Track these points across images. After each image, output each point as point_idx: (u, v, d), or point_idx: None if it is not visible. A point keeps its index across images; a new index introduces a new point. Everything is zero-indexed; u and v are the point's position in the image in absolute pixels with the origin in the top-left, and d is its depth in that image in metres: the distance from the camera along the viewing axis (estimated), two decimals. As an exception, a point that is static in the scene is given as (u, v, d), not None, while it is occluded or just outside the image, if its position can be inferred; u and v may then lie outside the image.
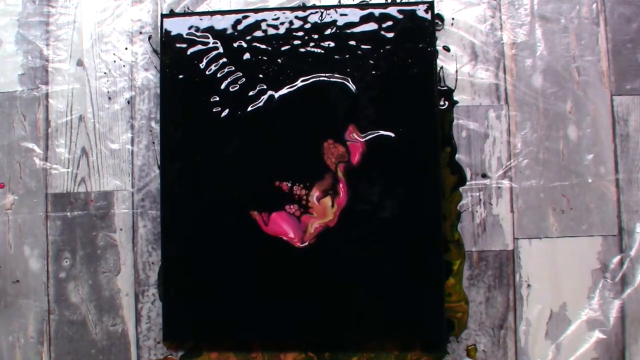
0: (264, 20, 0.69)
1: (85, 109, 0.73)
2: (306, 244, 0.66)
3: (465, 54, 0.69)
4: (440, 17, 0.70)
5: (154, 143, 0.71)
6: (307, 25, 0.69)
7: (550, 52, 0.69)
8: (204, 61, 0.69)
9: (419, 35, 0.67)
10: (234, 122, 0.68)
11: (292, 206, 0.67)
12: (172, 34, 0.70)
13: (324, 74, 0.68)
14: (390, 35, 0.68)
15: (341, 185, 0.67)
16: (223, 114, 0.68)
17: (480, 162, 0.68)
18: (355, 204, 0.66)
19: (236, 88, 0.69)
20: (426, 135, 0.66)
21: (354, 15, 0.68)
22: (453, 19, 0.70)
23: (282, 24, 0.69)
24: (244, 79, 0.69)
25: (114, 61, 0.73)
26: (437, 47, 0.69)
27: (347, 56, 0.68)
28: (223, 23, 0.70)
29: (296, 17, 0.69)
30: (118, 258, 0.71)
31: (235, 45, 0.69)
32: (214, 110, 0.69)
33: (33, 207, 0.72)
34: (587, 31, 0.69)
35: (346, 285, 0.66)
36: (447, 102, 0.69)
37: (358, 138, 0.67)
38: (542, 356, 0.66)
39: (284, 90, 0.68)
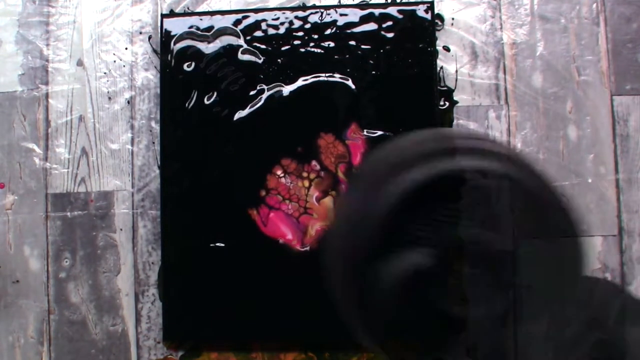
0: (264, 20, 0.69)
1: (85, 109, 0.73)
2: (307, 247, 0.66)
3: (465, 54, 0.69)
4: (440, 17, 0.70)
5: (154, 143, 0.71)
6: (307, 25, 0.69)
7: (550, 52, 0.69)
8: (204, 61, 0.69)
9: (419, 35, 0.67)
10: (234, 122, 0.68)
11: (289, 206, 0.67)
12: (172, 34, 0.70)
13: (324, 74, 0.68)
14: (390, 35, 0.68)
15: (343, 186, 0.66)
16: (223, 114, 0.68)
17: (480, 162, 0.68)
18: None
19: (236, 88, 0.69)
20: (426, 135, 0.66)
21: (354, 15, 0.68)
22: (453, 19, 0.70)
23: (282, 24, 0.69)
24: (244, 79, 0.69)
25: (114, 61, 0.73)
26: (437, 47, 0.69)
27: (347, 56, 0.68)
28: (223, 23, 0.70)
29: (296, 17, 0.69)
30: (118, 258, 0.71)
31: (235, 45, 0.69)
32: (214, 110, 0.69)
33: (33, 207, 0.72)
34: (587, 31, 0.69)
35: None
36: (447, 102, 0.69)
37: (360, 136, 0.67)
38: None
39: (284, 90, 0.68)
